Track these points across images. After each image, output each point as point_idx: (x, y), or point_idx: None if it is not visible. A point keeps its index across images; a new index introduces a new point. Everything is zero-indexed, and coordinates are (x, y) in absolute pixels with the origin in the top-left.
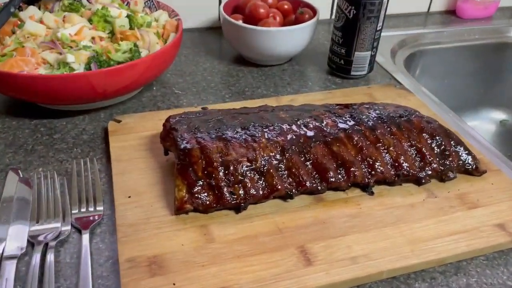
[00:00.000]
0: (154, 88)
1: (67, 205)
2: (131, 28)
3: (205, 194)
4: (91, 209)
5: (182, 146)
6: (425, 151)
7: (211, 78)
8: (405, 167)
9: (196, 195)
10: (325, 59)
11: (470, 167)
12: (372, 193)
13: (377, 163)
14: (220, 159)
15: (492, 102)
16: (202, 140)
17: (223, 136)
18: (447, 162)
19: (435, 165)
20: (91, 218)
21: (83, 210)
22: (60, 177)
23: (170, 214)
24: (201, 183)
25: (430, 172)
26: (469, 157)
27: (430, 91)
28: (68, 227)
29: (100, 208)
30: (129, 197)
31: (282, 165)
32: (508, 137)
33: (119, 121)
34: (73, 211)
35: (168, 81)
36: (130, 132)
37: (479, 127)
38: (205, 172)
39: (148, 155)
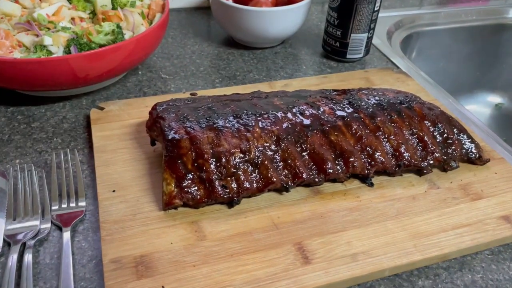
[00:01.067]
0: (140, 72)
1: (46, 200)
2: (113, 8)
3: (196, 188)
4: (73, 204)
5: (170, 137)
6: (427, 139)
7: (200, 62)
8: (406, 156)
9: (185, 189)
10: (319, 41)
11: (473, 156)
12: (371, 185)
13: (377, 153)
14: (211, 151)
15: (488, 85)
16: (192, 130)
17: (214, 126)
18: (450, 151)
19: (437, 154)
20: (73, 214)
21: (63, 206)
22: (39, 169)
23: (158, 210)
24: (191, 176)
25: (432, 162)
26: (472, 145)
27: (426, 74)
28: (48, 225)
29: (82, 203)
30: (114, 191)
31: (277, 156)
32: (503, 120)
33: (102, 108)
34: (53, 207)
35: (155, 64)
36: (114, 120)
37: (474, 111)
38: (195, 164)
39: (134, 145)
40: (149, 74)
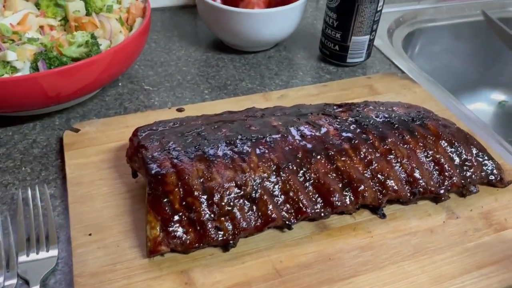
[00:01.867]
0: (120, 84)
1: (12, 248)
2: (88, 14)
3: (185, 231)
4: (43, 252)
5: (153, 171)
6: (443, 162)
7: (187, 69)
8: (421, 183)
9: (173, 233)
10: (315, 41)
11: (494, 178)
12: (384, 216)
13: (390, 180)
14: (202, 186)
15: (491, 82)
16: (179, 162)
17: (205, 156)
18: (469, 174)
19: (455, 179)
20: (43, 265)
21: (32, 254)
22: (5, 206)
23: (142, 257)
24: (179, 217)
25: (450, 188)
26: (493, 166)
27: (429, 72)
28: (14, 281)
29: (54, 251)
30: (90, 234)
31: (277, 189)
32: (507, 119)
33: (77, 130)
34: (19, 257)
35: (136, 74)
36: (90, 145)
37: (478, 109)
38: (184, 203)
39: (113, 175)
40: (130, 85)
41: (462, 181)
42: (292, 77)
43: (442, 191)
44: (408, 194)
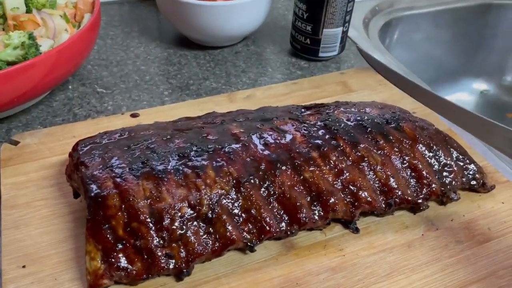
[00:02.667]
0: (70, 86)
1: None
2: (28, 10)
3: (130, 261)
4: None
5: (92, 193)
6: (421, 168)
7: (146, 68)
8: (397, 192)
9: (116, 264)
10: (287, 35)
11: (476, 183)
12: (357, 230)
13: (363, 190)
14: (149, 208)
15: (472, 71)
16: (122, 181)
17: (153, 173)
18: (449, 181)
19: (434, 186)
20: None
21: None
22: None
23: None
24: (123, 246)
25: (429, 196)
26: (475, 170)
27: (407, 62)
28: None
29: None
30: (24, 266)
31: (237, 206)
32: (488, 109)
33: (16, 143)
34: None
35: (89, 75)
36: (30, 159)
37: (459, 100)
38: (128, 229)
39: (55, 195)
40: (81, 88)
41: (442, 189)
42: (260, 74)
43: (420, 201)
44: (383, 206)
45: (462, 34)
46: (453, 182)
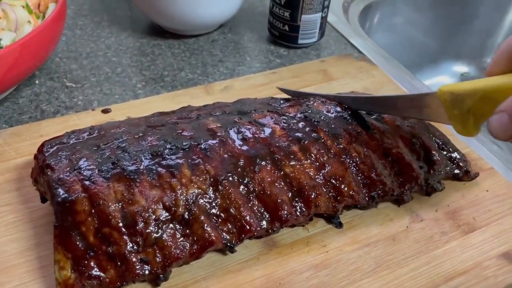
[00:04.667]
0: (37, 81)
1: None
2: None
3: (102, 269)
4: None
5: (59, 198)
6: (405, 159)
7: (117, 60)
8: (380, 185)
9: (87, 272)
10: (264, 21)
11: (460, 172)
12: (340, 225)
13: (345, 184)
14: (121, 212)
15: (453, 54)
16: (91, 184)
17: (125, 174)
18: (432, 171)
19: (418, 177)
20: None
21: None
22: None
23: None
24: (94, 253)
25: (412, 188)
26: (458, 158)
27: (388, 47)
28: None
29: None
30: None
31: (215, 206)
32: None
33: None
34: None
35: (57, 69)
36: None
37: (440, 83)
38: (99, 235)
39: (21, 199)
40: (49, 83)
41: (426, 179)
42: (238, 64)
43: (403, 192)
44: (366, 199)
45: (442, 17)
46: (437, 172)
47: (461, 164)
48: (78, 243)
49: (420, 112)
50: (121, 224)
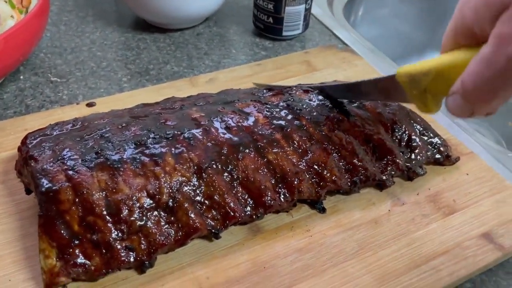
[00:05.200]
0: (21, 76)
1: None
2: None
3: (88, 256)
4: None
5: (43, 188)
6: (386, 145)
7: (102, 54)
8: (362, 170)
9: (73, 260)
10: (249, 14)
11: (441, 156)
12: (323, 210)
13: (327, 170)
14: (105, 200)
15: (438, 46)
16: (75, 174)
17: (108, 163)
18: (414, 156)
19: (400, 163)
20: None
21: None
22: None
23: None
24: (79, 241)
25: (394, 173)
26: (439, 143)
27: (373, 39)
28: None
29: None
30: None
31: (199, 193)
32: None
33: None
34: None
35: (42, 64)
36: None
37: None
38: (84, 223)
39: (5, 192)
40: (34, 78)
41: (407, 164)
42: (223, 56)
43: (385, 177)
44: (349, 184)
45: (427, 8)
46: (418, 157)
47: (442, 149)
48: (62, 231)
49: (386, 95)
50: (105, 212)
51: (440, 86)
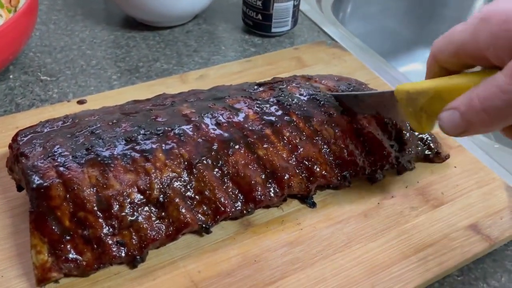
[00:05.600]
0: (11, 76)
1: None
2: None
3: (79, 252)
4: None
5: (34, 184)
6: (376, 139)
7: (92, 53)
8: (352, 164)
9: (64, 256)
10: (238, 11)
11: (431, 153)
12: (313, 205)
13: (317, 165)
14: (96, 196)
15: (427, 41)
16: (65, 170)
17: (99, 159)
18: (403, 151)
19: (390, 157)
20: None
21: None
22: None
23: (31, 287)
24: (70, 237)
25: (383, 167)
26: (429, 140)
27: (362, 35)
28: None
29: None
30: None
31: (190, 188)
32: None
33: None
34: None
35: (31, 63)
36: None
37: (414, 70)
38: (75, 219)
39: None
40: (24, 77)
41: (397, 158)
42: (213, 53)
43: (375, 171)
44: (338, 178)
45: (414, 5)
46: (407, 151)
47: (432, 145)
48: (54, 227)
49: (382, 109)
50: (96, 208)
51: (436, 106)
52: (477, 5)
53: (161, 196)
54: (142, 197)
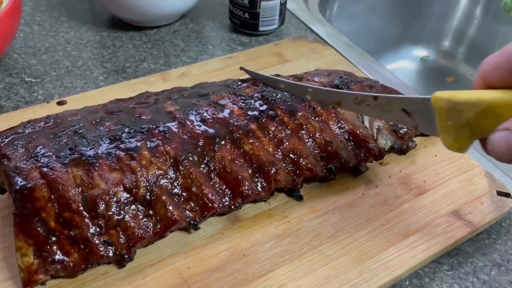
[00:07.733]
0: None
1: None
2: None
3: (66, 252)
4: None
5: (17, 186)
6: (359, 132)
7: (78, 54)
8: (337, 157)
9: (51, 257)
10: (225, 10)
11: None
12: (300, 198)
13: (303, 158)
14: (82, 196)
15: (412, 39)
16: (49, 170)
17: (83, 158)
18: (401, 132)
19: (372, 148)
20: None
21: None
22: None
23: None
24: (56, 238)
25: (368, 159)
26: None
27: (350, 34)
28: None
29: None
30: None
31: (177, 185)
32: (429, 74)
33: None
34: None
35: (15, 65)
36: None
37: (401, 67)
38: (60, 220)
39: None
40: (8, 79)
41: (379, 149)
42: (200, 53)
43: (359, 163)
44: (324, 171)
45: (400, 2)
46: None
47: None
48: (39, 229)
49: (403, 118)
50: (82, 208)
51: (488, 123)
52: (462, 2)
53: (148, 194)
54: (128, 195)
